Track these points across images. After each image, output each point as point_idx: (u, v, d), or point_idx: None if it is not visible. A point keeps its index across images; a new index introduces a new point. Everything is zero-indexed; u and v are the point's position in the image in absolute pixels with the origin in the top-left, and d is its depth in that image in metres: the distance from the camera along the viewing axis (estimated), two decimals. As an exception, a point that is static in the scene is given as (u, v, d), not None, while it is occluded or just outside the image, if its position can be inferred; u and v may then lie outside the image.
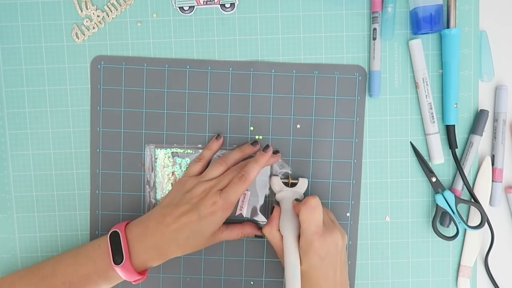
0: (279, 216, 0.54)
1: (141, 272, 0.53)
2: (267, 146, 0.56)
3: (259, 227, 0.59)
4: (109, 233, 0.53)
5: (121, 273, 0.52)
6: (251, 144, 0.57)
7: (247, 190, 0.58)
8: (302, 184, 0.57)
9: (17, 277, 0.54)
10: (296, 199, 0.55)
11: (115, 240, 0.52)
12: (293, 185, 0.58)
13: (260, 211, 0.59)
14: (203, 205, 0.52)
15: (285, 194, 0.56)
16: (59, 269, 0.53)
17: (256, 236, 0.58)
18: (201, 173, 0.57)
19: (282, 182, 0.57)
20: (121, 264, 0.51)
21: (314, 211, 0.50)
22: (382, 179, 0.60)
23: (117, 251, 0.52)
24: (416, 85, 0.59)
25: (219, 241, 0.55)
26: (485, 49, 0.59)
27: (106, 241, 0.53)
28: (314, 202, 0.51)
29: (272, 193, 0.59)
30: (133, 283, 0.53)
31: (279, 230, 0.53)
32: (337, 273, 0.51)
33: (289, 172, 0.59)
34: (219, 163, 0.56)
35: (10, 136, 0.59)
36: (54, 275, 0.52)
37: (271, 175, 0.59)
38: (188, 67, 0.58)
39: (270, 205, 0.59)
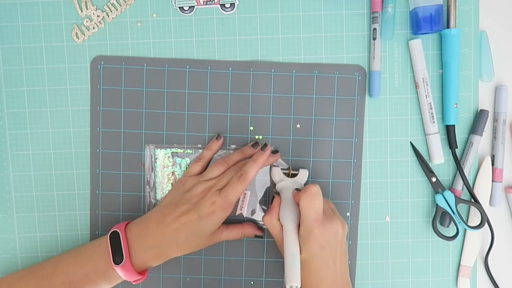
0: (279, 206, 0.54)
1: (141, 272, 0.53)
2: (265, 145, 0.56)
3: (259, 227, 0.59)
4: (109, 233, 0.53)
5: (121, 273, 0.52)
6: (252, 145, 0.57)
7: (247, 190, 0.58)
8: (303, 175, 0.57)
9: (17, 277, 0.54)
10: (296, 189, 0.55)
11: (115, 240, 0.52)
12: (294, 175, 0.58)
13: (261, 208, 0.59)
14: (202, 205, 0.52)
15: (285, 184, 0.56)
16: (59, 269, 0.53)
17: (256, 236, 0.58)
18: (201, 173, 0.57)
19: (283, 172, 0.58)
20: (121, 264, 0.51)
21: (314, 199, 0.50)
22: (382, 179, 0.60)
23: (117, 251, 0.52)
24: (416, 85, 0.59)
25: (219, 241, 0.55)
26: (485, 49, 0.59)
27: (106, 241, 0.53)
28: (315, 190, 0.50)
29: (272, 184, 0.58)
30: (133, 283, 0.53)
31: (279, 219, 0.53)
32: (337, 263, 0.51)
33: (289, 164, 0.59)
34: (219, 163, 0.56)
35: (10, 136, 0.59)
36: (54, 274, 0.52)
37: (272, 166, 0.58)
38: (188, 67, 0.58)
39: (271, 198, 0.59)
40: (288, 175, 0.58)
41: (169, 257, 0.53)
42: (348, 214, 0.60)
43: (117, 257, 0.51)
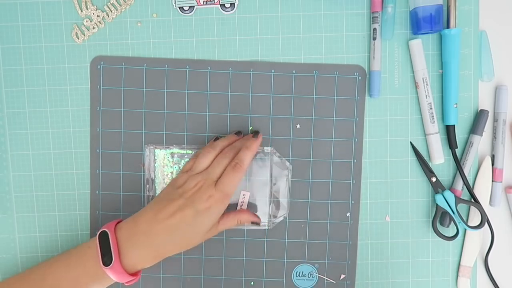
0: None
1: (134, 273, 0.51)
2: (256, 132, 0.55)
3: (255, 213, 0.58)
4: (98, 234, 0.51)
5: (111, 275, 0.50)
6: (235, 133, 0.56)
7: (246, 190, 0.58)
8: None
9: (6, 285, 0.52)
10: None
11: (105, 240, 0.50)
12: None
13: (261, 208, 0.59)
14: (198, 199, 0.50)
15: None
16: (49, 272, 0.51)
17: (253, 223, 0.57)
18: None
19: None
20: (110, 265, 0.49)
21: None
22: (382, 179, 0.60)
23: (106, 252, 0.49)
24: (416, 85, 0.59)
25: (216, 233, 0.54)
26: (485, 49, 0.59)
27: (95, 242, 0.51)
28: None
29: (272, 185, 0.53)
30: (126, 284, 0.51)
31: None
32: None
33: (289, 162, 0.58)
34: (206, 152, 0.54)
35: (10, 136, 0.59)
36: (44, 279, 0.51)
37: None
38: (188, 67, 0.58)
39: (272, 203, 0.59)
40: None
41: (164, 256, 0.52)
42: (348, 214, 0.60)
43: (107, 258, 0.49)
